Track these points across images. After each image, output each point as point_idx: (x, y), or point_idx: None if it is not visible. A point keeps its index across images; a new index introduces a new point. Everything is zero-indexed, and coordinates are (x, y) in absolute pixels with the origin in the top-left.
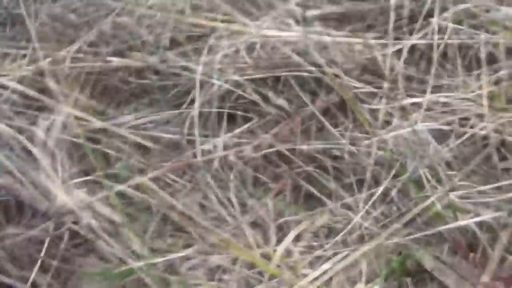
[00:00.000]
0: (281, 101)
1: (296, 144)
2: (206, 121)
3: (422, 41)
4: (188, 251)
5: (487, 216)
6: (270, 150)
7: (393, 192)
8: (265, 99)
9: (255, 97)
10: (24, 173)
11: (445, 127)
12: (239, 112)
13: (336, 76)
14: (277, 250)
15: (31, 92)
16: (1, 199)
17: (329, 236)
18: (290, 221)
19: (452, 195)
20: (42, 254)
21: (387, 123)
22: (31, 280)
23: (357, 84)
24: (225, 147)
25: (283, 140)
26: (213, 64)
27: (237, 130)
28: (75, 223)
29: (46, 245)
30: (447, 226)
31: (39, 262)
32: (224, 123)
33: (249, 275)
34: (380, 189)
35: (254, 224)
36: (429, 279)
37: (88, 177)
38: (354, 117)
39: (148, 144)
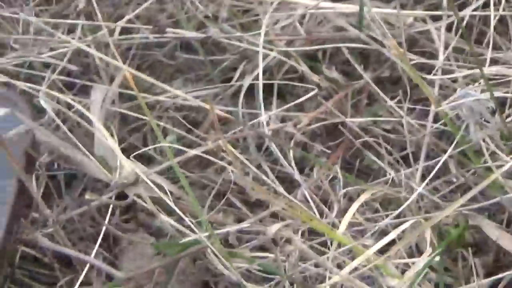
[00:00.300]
0: (335, 74)
1: (349, 117)
2: (256, 94)
3: (476, 13)
4: (251, 221)
5: None
6: (329, 122)
7: (452, 163)
8: (316, 72)
9: (307, 70)
10: (83, 145)
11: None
12: (291, 83)
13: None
14: (343, 219)
15: (80, 67)
16: (54, 173)
17: (389, 207)
18: (350, 192)
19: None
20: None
21: (444, 96)
22: (94, 252)
23: (412, 57)
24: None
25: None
26: (267, 35)
27: (294, 102)
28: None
29: (108, 215)
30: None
31: (102, 231)
32: (274, 97)
33: (312, 245)
34: (443, 158)
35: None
36: (487, 250)
37: (145, 149)
38: (405, 90)
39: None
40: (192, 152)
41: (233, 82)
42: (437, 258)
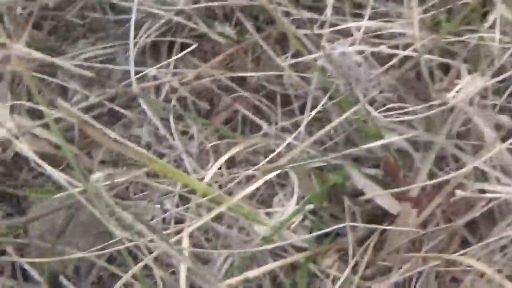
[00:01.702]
0: (227, 30)
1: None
2: (157, 53)
3: None
4: (131, 176)
5: (411, 134)
6: (212, 78)
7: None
8: (213, 29)
9: (203, 26)
10: None
11: (376, 49)
12: (187, 41)
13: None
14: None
15: None
16: None
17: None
18: (228, 145)
19: (380, 115)
20: None
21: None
22: None
23: (295, 11)
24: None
25: (229, 68)
26: None
27: (177, 56)
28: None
29: None
30: (373, 144)
31: None
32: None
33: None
34: (314, 111)
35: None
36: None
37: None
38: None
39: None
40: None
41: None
42: (311, 206)
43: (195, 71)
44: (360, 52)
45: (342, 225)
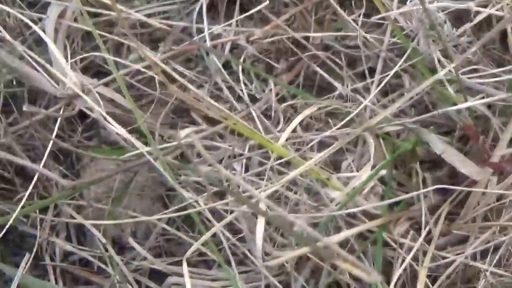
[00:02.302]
0: None
1: (310, 32)
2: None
3: None
4: (197, 136)
5: (497, 97)
6: (283, 36)
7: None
8: None
9: None
10: (36, 60)
11: (462, 6)
12: None
13: None
14: (283, 133)
15: None
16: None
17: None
18: (300, 107)
19: (463, 77)
20: (54, 135)
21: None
22: (43, 162)
23: None
24: (236, 34)
25: (297, 28)
26: None
27: (245, 14)
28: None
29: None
30: (456, 107)
31: (50, 143)
32: (237, 10)
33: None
34: (391, 73)
35: (266, 110)
36: (438, 165)
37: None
38: (367, 6)
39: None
40: (136, 67)
41: None
42: (384, 172)
43: (264, 29)
44: (443, 10)
45: (427, 189)
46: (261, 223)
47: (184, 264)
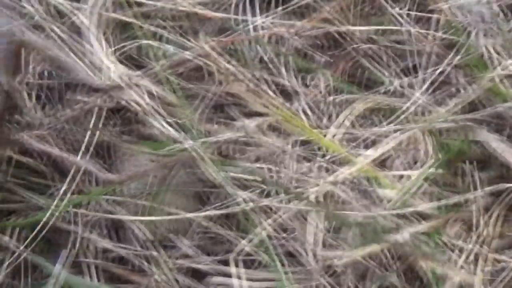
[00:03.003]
0: None
1: (352, 25)
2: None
3: None
4: (240, 133)
5: None
6: (328, 29)
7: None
8: None
9: None
10: (74, 51)
11: None
12: None
13: None
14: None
15: None
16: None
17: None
18: (348, 101)
19: None
20: (91, 126)
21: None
22: (80, 154)
23: None
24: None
25: (339, 20)
26: None
27: (287, 6)
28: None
29: (94, 117)
30: (508, 104)
31: (87, 136)
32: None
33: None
34: (441, 67)
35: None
36: (487, 164)
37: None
38: None
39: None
40: (186, 53)
41: None
42: (436, 170)
43: (308, 21)
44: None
45: (486, 188)
46: (320, 220)
47: (232, 263)
